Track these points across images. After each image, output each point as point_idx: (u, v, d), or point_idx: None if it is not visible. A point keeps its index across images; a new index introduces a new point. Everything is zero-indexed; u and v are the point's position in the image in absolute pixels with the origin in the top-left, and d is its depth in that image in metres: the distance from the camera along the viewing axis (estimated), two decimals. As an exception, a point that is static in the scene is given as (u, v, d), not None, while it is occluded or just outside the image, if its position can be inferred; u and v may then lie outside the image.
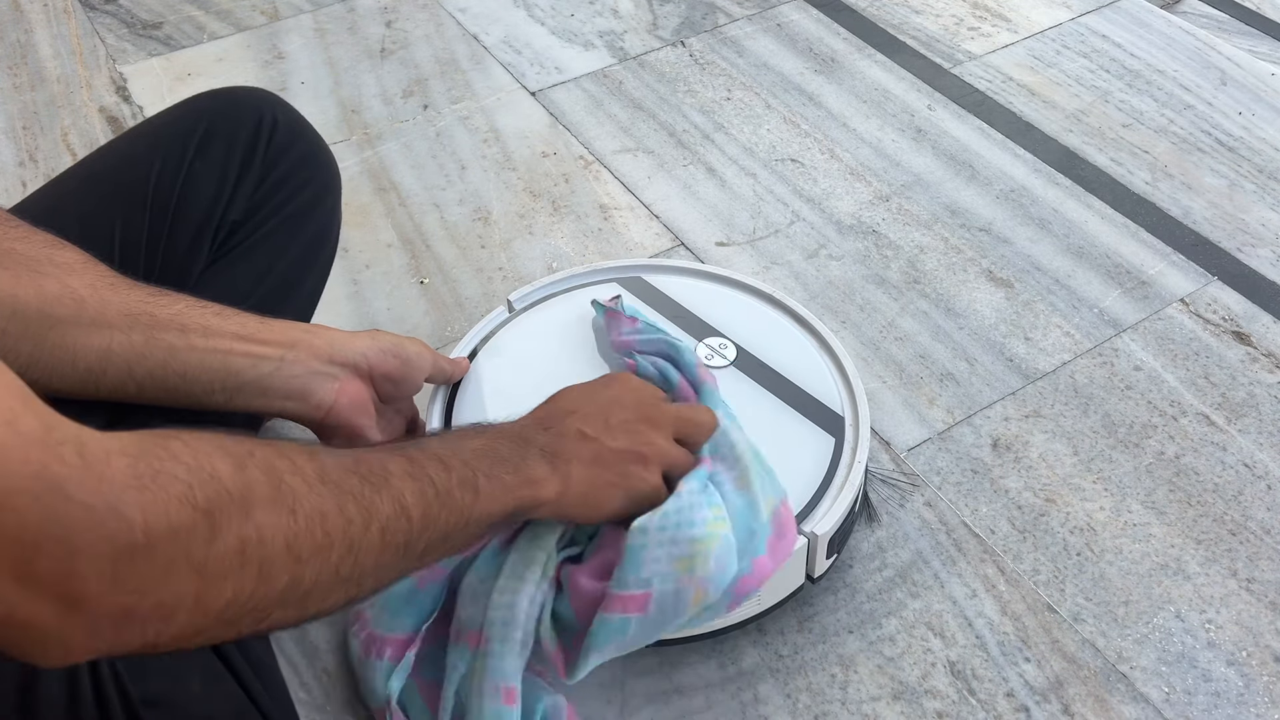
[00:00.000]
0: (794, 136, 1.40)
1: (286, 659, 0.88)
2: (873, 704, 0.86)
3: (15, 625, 0.42)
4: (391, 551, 0.56)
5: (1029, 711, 0.85)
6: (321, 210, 0.86)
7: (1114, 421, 1.06)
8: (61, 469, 0.42)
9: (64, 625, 0.43)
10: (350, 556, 0.53)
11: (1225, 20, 1.61)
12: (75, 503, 0.42)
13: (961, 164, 1.36)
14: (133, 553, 0.43)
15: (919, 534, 0.97)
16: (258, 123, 0.82)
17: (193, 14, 1.62)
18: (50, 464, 0.42)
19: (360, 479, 0.55)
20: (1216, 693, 0.86)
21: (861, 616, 0.91)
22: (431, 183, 1.34)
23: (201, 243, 0.78)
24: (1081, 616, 0.91)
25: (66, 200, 0.78)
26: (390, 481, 0.56)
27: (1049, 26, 1.59)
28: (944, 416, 1.07)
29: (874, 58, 1.53)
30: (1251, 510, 0.99)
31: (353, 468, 0.55)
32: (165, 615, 0.46)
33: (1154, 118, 1.43)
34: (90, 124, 1.42)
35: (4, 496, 0.40)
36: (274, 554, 0.49)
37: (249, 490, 0.48)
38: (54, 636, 0.43)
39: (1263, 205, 1.30)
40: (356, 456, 0.56)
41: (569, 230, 1.27)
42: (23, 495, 0.41)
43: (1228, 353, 1.13)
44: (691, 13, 1.62)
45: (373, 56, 1.54)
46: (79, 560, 0.42)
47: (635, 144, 1.39)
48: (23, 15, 1.62)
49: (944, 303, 1.18)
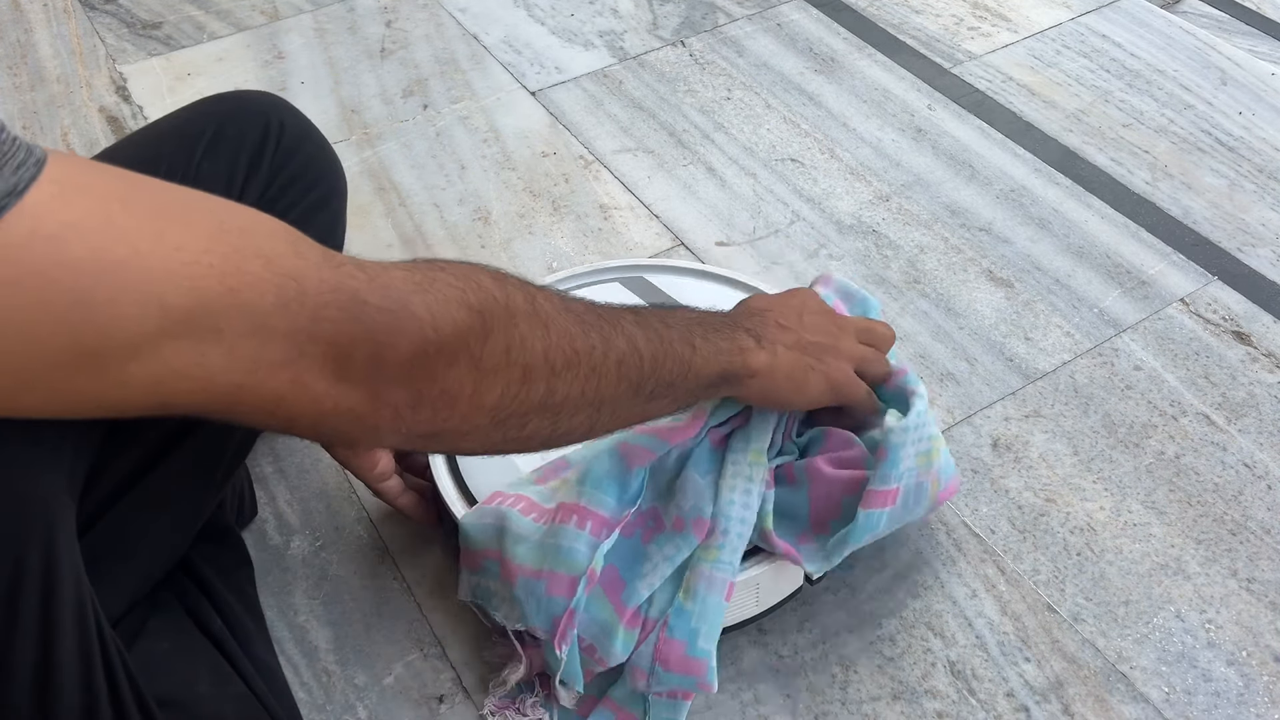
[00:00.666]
0: (794, 136, 1.40)
1: (287, 659, 0.88)
2: (873, 704, 0.86)
3: (341, 414, 0.50)
4: (626, 386, 0.63)
5: (1029, 711, 0.85)
6: (327, 213, 0.87)
7: (1114, 421, 1.06)
8: (353, 282, 0.49)
9: (373, 408, 0.51)
10: (594, 380, 0.60)
11: (1225, 20, 1.61)
12: (373, 307, 0.49)
13: (961, 164, 1.36)
14: (425, 344, 0.51)
15: (919, 534, 0.97)
16: (265, 127, 0.82)
17: (193, 14, 1.62)
18: (343, 279, 0.49)
19: (597, 315, 0.62)
20: (1216, 693, 0.87)
21: (861, 616, 0.91)
22: (431, 183, 1.34)
23: None
24: (1081, 616, 0.91)
25: None
26: (622, 323, 0.63)
27: (1049, 26, 1.59)
28: (944, 416, 1.07)
29: (874, 57, 1.53)
30: (1252, 510, 0.99)
31: (589, 306, 0.62)
32: (449, 402, 0.53)
33: (1154, 117, 1.43)
34: (90, 124, 1.42)
35: (317, 309, 0.47)
36: (534, 360, 0.56)
37: (511, 301, 0.55)
38: (368, 418, 0.51)
39: (1263, 205, 1.30)
40: (589, 301, 0.63)
41: (569, 230, 1.27)
42: (330, 308, 0.48)
43: (1228, 353, 1.13)
44: (691, 12, 1.62)
45: (372, 56, 1.54)
46: (385, 352, 0.50)
47: (635, 144, 1.39)
48: (23, 15, 1.62)
49: (944, 302, 1.18)
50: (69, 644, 0.59)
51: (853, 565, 0.94)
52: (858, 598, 0.92)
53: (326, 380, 0.49)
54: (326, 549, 0.96)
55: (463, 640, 0.90)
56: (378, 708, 0.86)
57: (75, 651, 0.59)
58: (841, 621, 0.91)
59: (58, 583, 0.59)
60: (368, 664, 0.88)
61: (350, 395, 0.50)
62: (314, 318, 0.48)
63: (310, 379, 0.49)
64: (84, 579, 0.61)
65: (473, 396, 0.54)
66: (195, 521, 0.83)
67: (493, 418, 0.56)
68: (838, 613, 0.91)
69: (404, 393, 0.52)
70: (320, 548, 0.96)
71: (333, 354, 0.48)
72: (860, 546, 0.81)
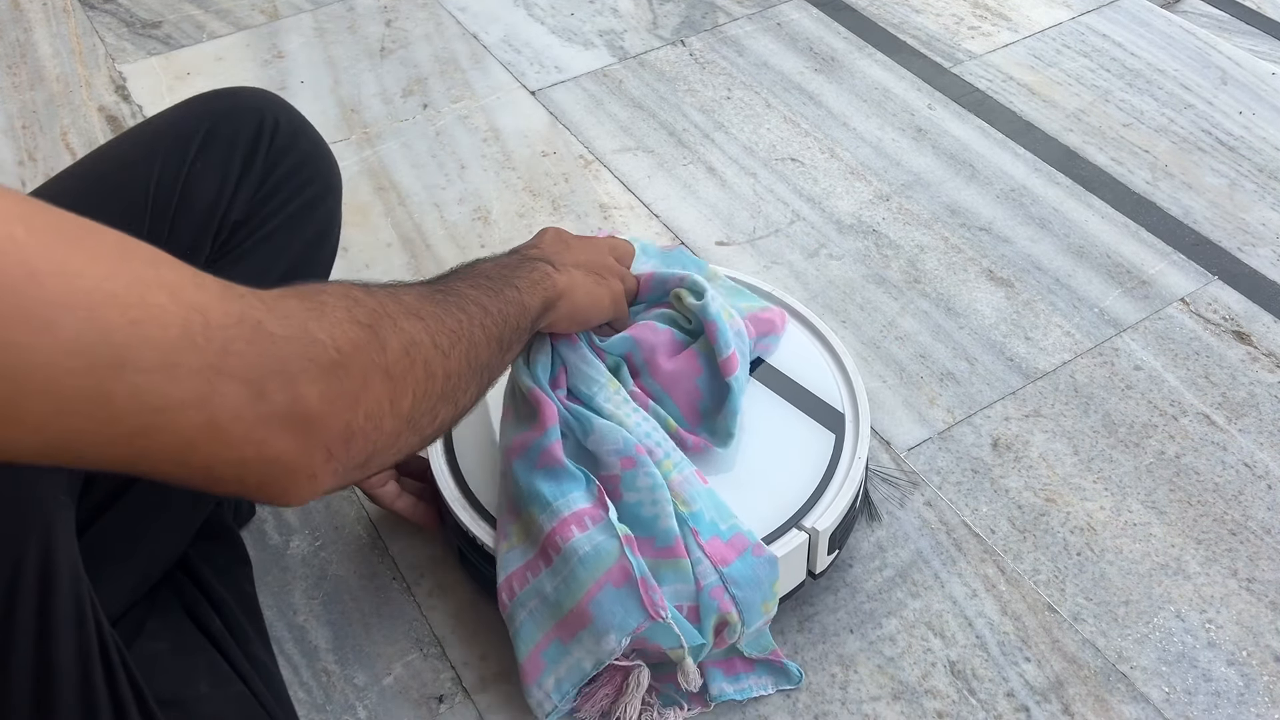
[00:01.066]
0: (794, 136, 1.40)
1: (286, 659, 0.88)
2: (873, 704, 0.86)
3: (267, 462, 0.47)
4: (493, 344, 0.65)
5: (1029, 711, 0.85)
6: (322, 210, 0.86)
7: (1114, 421, 1.06)
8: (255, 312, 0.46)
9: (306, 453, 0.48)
10: (473, 350, 0.62)
11: (1225, 20, 1.60)
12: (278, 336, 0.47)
13: (962, 163, 1.36)
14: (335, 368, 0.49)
15: (919, 534, 0.97)
16: (259, 123, 0.82)
17: (192, 13, 1.62)
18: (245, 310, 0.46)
19: (443, 294, 0.63)
20: (1217, 692, 0.86)
21: (861, 616, 0.91)
22: (431, 182, 1.34)
23: (202, 243, 0.78)
24: (1081, 616, 0.91)
25: (64, 201, 0.77)
26: (465, 292, 0.65)
27: (1049, 26, 1.59)
28: (944, 416, 1.07)
29: (874, 57, 1.53)
30: (1252, 510, 0.99)
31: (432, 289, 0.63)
32: (375, 422, 0.52)
33: (1154, 117, 1.43)
34: (89, 123, 1.42)
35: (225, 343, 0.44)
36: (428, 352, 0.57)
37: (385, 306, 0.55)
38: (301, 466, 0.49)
39: (1263, 205, 1.30)
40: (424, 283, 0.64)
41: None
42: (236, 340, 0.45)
43: (1228, 352, 1.13)
44: (691, 12, 1.62)
45: (372, 56, 1.54)
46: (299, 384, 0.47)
47: (635, 143, 1.39)
48: (22, 14, 1.62)
49: (944, 302, 1.18)
50: (68, 644, 0.59)
51: (852, 565, 0.94)
52: (858, 598, 0.92)
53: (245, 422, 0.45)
54: (326, 549, 0.96)
55: (462, 640, 0.89)
56: (378, 708, 0.85)
57: (74, 651, 0.59)
58: (841, 621, 0.91)
59: (56, 582, 0.59)
60: (368, 664, 0.88)
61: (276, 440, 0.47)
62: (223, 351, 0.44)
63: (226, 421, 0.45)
64: (83, 578, 0.60)
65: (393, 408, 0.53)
66: (193, 521, 0.83)
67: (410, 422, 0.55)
68: (838, 612, 0.91)
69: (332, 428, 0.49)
70: (320, 547, 0.96)
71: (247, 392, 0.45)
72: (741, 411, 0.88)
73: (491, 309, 0.66)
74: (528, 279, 0.73)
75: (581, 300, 0.80)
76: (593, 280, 0.83)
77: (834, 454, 0.90)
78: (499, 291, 0.69)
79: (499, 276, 0.71)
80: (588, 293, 0.81)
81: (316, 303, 0.50)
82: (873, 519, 0.98)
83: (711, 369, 0.88)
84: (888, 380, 1.10)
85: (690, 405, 0.89)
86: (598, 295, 0.83)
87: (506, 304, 0.69)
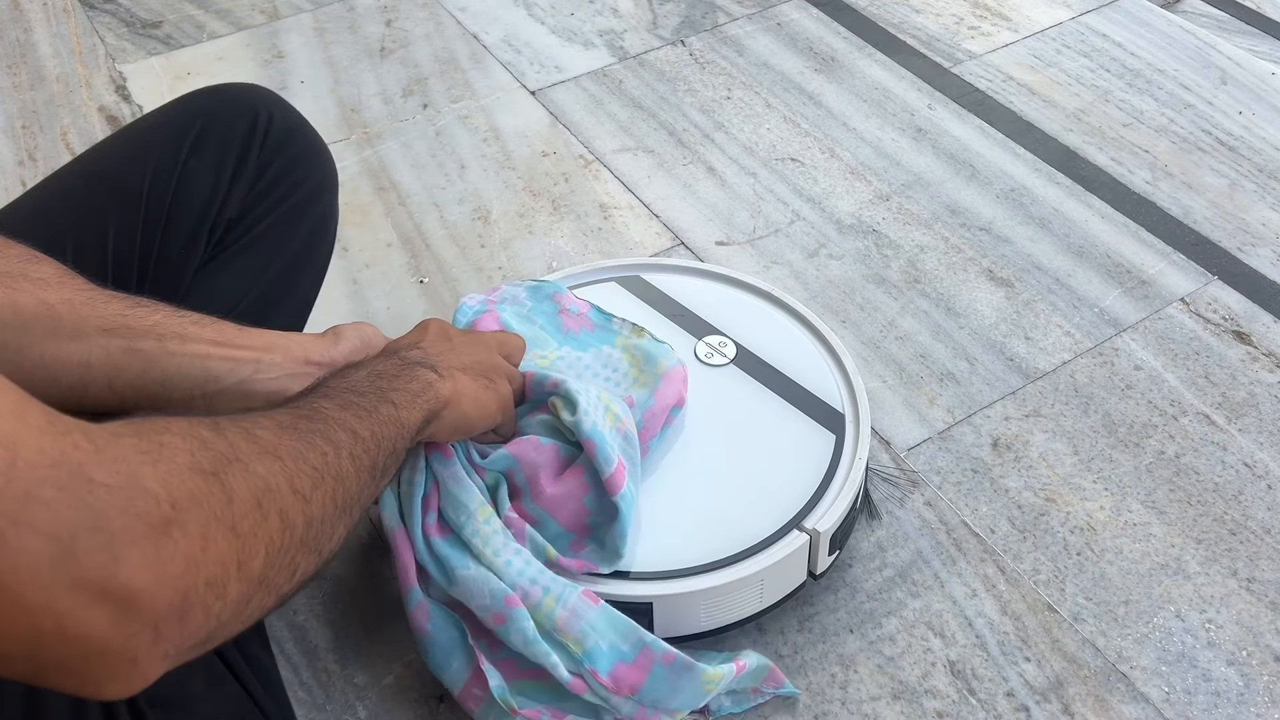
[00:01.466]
0: (794, 136, 1.40)
1: (286, 659, 0.88)
2: (873, 704, 0.86)
3: (71, 642, 0.38)
4: (365, 474, 0.57)
5: (1029, 711, 0.85)
6: (318, 207, 0.86)
7: (1114, 421, 1.06)
8: (77, 454, 0.39)
9: (124, 632, 0.40)
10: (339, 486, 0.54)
11: (1225, 19, 1.60)
12: (99, 485, 0.39)
13: (962, 163, 1.36)
14: (167, 526, 0.41)
15: (919, 533, 0.97)
16: (253, 120, 0.82)
17: (192, 13, 1.62)
18: (66, 450, 0.39)
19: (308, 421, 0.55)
20: (1216, 692, 0.86)
21: (861, 616, 0.91)
22: (431, 182, 1.34)
23: (197, 241, 0.78)
24: (1081, 616, 0.91)
25: (60, 199, 0.78)
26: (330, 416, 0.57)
27: (1049, 26, 1.59)
28: (944, 416, 1.07)
29: (874, 57, 1.53)
30: (1252, 510, 0.99)
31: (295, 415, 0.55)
32: (219, 590, 0.43)
33: (1154, 117, 1.43)
34: (90, 123, 1.42)
35: (31, 488, 0.38)
36: (284, 498, 0.49)
37: (235, 448, 0.47)
38: (117, 649, 0.40)
39: (1263, 204, 1.30)
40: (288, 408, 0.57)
41: (569, 229, 1.27)
42: (47, 485, 0.38)
43: (1228, 352, 1.13)
44: (691, 12, 1.62)
45: (372, 55, 1.54)
46: (119, 545, 0.39)
47: (635, 143, 1.39)
48: (22, 14, 1.62)
49: (944, 302, 1.18)
50: None
51: (852, 564, 0.94)
52: (858, 597, 0.92)
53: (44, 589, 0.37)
54: (326, 548, 0.96)
55: (462, 640, 0.89)
56: (378, 708, 0.85)
57: None
58: (841, 621, 0.91)
59: None
60: (368, 664, 0.88)
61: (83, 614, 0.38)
62: (25, 497, 0.37)
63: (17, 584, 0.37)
64: None
65: (240, 570, 0.45)
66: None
67: (262, 583, 0.47)
68: (838, 612, 0.91)
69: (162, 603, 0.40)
70: (319, 547, 0.96)
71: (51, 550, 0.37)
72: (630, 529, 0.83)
73: (363, 433, 0.58)
74: (407, 391, 0.67)
75: (468, 409, 0.74)
76: (480, 385, 0.76)
77: (834, 455, 0.90)
78: (373, 410, 0.61)
79: (374, 391, 0.63)
80: (474, 400, 0.75)
81: (154, 444, 0.43)
82: (873, 519, 0.98)
83: (599, 486, 0.82)
84: (888, 380, 1.10)
85: (578, 524, 0.83)
86: (484, 402, 0.76)
87: (381, 424, 0.61)
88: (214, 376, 0.70)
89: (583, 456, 0.82)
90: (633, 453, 0.85)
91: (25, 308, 0.65)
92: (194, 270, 0.79)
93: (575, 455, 0.83)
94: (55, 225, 0.73)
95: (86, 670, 0.39)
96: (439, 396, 0.70)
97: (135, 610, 0.39)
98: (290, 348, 0.74)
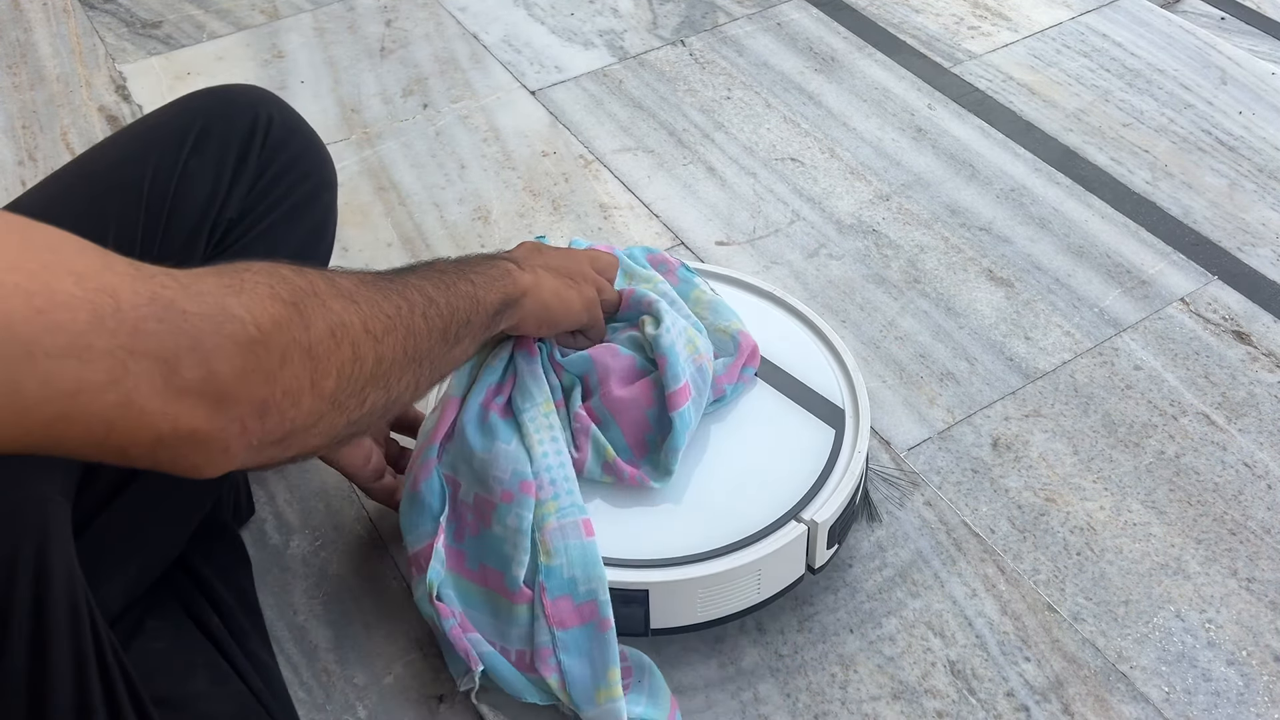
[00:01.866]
0: (794, 135, 1.40)
1: (286, 659, 0.88)
2: (873, 704, 0.86)
3: (181, 437, 0.47)
4: (436, 335, 0.64)
5: (1029, 711, 0.85)
6: (318, 206, 0.86)
7: (1114, 421, 1.06)
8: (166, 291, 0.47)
9: (218, 425, 0.48)
10: (411, 338, 0.61)
11: (1225, 19, 1.61)
12: (191, 314, 0.47)
13: (961, 163, 1.36)
14: (252, 345, 0.49)
15: (919, 533, 0.97)
16: (253, 120, 0.82)
17: (192, 13, 1.62)
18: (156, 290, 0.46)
19: (387, 281, 0.62)
20: (1216, 692, 0.86)
21: (861, 616, 0.91)
22: (431, 182, 1.34)
23: (197, 241, 0.78)
24: (1081, 616, 0.91)
25: (60, 199, 0.78)
26: (409, 281, 0.64)
27: (1049, 25, 1.59)
28: (944, 416, 1.07)
29: (874, 57, 1.53)
30: (1251, 510, 0.99)
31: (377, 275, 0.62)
32: (293, 399, 0.51)
33: (1154, 117, 1.43)
34: (90, 123, 1.42)
35: (137, 323, 0.45)
36: (357, 334, 0.56)
37: (315, 286, 0.54)
38: (215, 438, 0.48)
39: (1263, 204, 1.30)
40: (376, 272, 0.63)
41: (569, 229, 1.27)
42: (148, 320, 0.45)
43: (1228, 352, 1.13)
44: (691, 12, 1.62)
45: (372, 55, 1.54)
46: (214, 360, 0.47)
47: (635, 143, 1.39)
48: (22, 14, 1.62)
49: (944, 302, 1.18)
50: (63, 644, 0.59)
51: (852, 564, 0.94)
52: (857, 597, 0.92)
53: (159, 399, 0.46)
54: (326, 548, 0.96)
55: (462, 640, 0.89)
56: (378, 707, 0.85)
57: (69, 651, 0.59)
58: (841, 621, 0.91)
59: (51, 582, 0.59)
60: (367, 663, 0.88)
61: (189, 415, 0.47)
62: (134, 331, 0.45)
63: (140, 399, 0.45)
64: (78, 578, 0.60)
65: (313, 387, 0.53)
66: (191, 519, 0.83)
67: (334, 403, 0.55)
68: (838, 612, 0.91)
69: (247, 402, 0.49)
70: (320, 547, 0.96)
71: (160, 369, 0.46)
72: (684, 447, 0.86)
73: (438, 299, 0.65)
74: (486, 275, 0.72)
75: (549, 299, 0.79)
76: (562, 282, 0.81)
77: (834, 448, 0.90)
78: (451, 284, 0.67)
79: (454, 271, 0.70)
80: (554, 293, 0.80)
81: (237, 279, 0.50)
82: (873, 519, 0.98)
83: (663, 402, 0.86)
84: (887, 380, 1.10)
85: (637, 435, 0.87)
86: (566, 297, 0.81)
87: (457, 296, 0.67)
88: None
89: (655, 372, 0.86)
90: (701, 383, 0.88)
91: None
92: None
93: (650, 371, 0.87)
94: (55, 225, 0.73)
95: (191, 457, 0.49)
96: (517, 284, 0.74)
97: (226, 409, 0.48)
98: None
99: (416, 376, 0.63)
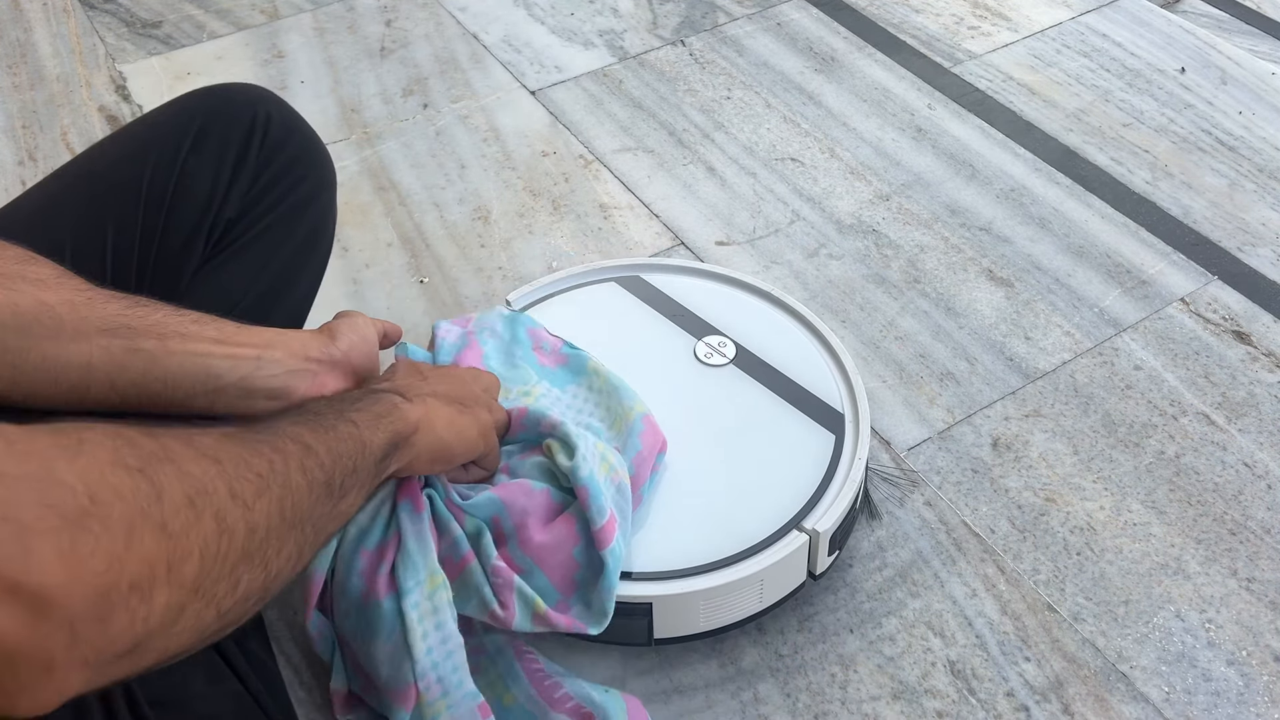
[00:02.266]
0: (794, 135, 1.40)
1: (287, 659, 0.88)
2: (873, 703, 0.86)
3: None
4: (318, 491, 0.54)
5: (1029, 711, 0.85)
6: (317, 206, 0.86)
7: (1114, 421, 1.06)
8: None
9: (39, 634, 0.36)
10: (288, 497, 0.50)
11: (1225, 19, 1.61)
12: (8, 476, 0.37)
13: (961, 163, 1.36)
14: (83, 517, 0.38)
15: (919, 533, 0.97)
16: (252, 119, 0.82)
17: (192, 13, 1.62)
18: None
19: (255, 433, 0.53)
20: (1216, 692, 0.86)
21: (861, 616, 0.91)
22: (431, 182, 1.34)
23: (196, 240, 0.78)
24: (1081, 616, 0.91)
25: (59, 199, 0.78)
26: (281, 429, 0.55)
27: (1049, 26, 1.59)
28: (944, 416, 1.07)
29: (874, 57, 1.53)
30: (1251, 510, 0.99)
31: (242, 427, 0.53)
32: (143, 592, 0.40)
33: (1154, 117, 1.43)
34: (90, 123, 1.42)
35: None
36: (221, 501, 0.45)
37: (168, 449, 0.44)
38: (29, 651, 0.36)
39: (1263, 204, 1.30)
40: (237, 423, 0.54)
41: (569, 229, 1.27)
42: None
43: (1228, 352, 1.13)
44: (691, 12, 1.62)
45: (372, 55, 1.54)
46: (31, 538, 0.36)
47: (635, 143, 1.39)
48: (22, 14, 1.62)
49: (944, 302, 1.18)
50: None
51: (852, 564, 0.94)
52: (857, 597, 0.92)
53: None
54: (326, 548, 0.96)
55: (462, 640, 0.89)
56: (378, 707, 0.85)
57: None
58: (841, 621, 0.91)
59: None
60: (367, 663, 0.88)
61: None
62: None
63: None
64: None
65: (169, 575, 0.41)
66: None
67: (198, 591, 0.43)
68: (838, 612, 0.91)
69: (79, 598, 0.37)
70: (319, 547, 0.96)
71: None
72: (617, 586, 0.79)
73: (317, 447, 0.55)
74: (369, 412, 0.64)
75: (443, 433, 0.71)
76: (453, 410, 0.73)
77: (834, 455, 0.90)
78: (330, 427, 0.58)
79: (332, 411, 0.61)
80: (448, 424, 0.72)
81: (73, 439, 0.40)
82: (873, 518, 0.98)
83: (590, 536, 0.78)
84: (887, 380, 1.10)
85: (565, 578, 0.78)
86: (461, 426, 0.73)
87: (339, 440, 0.58)
88: (215, 374, 0.70)
89: (575, 505, 0.78)
90: (625, 506, 0.81)
91: (25, 309, 0.65)
92: (193, 270, 0.79)
93: (567, 502, 0.79)
94: (55, 225, 0.73)
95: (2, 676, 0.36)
96: (406, 419, 0.67)
97: (48, 608, 0.36)
98: (290, 344, 0.73)
99: (299, 543, 0.52)
